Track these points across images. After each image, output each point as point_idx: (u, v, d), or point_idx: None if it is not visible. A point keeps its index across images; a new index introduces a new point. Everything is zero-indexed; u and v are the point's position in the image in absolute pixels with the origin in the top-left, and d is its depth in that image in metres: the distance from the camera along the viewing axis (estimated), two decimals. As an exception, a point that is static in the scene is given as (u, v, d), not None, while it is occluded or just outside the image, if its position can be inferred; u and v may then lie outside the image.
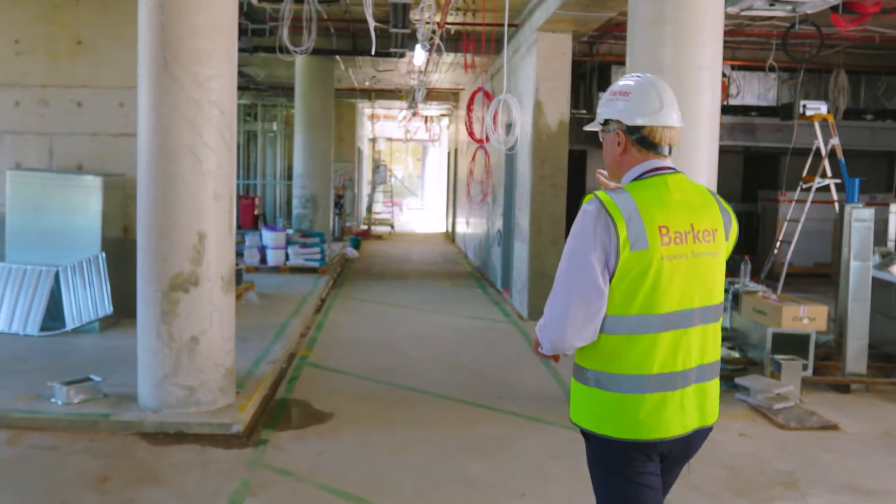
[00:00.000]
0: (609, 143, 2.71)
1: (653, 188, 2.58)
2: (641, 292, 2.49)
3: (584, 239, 2.50)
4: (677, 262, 2.52)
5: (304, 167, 14.45)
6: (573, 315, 2.51)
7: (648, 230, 2.48)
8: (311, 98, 14.36)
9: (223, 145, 5.73)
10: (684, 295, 2.55)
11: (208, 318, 5.76)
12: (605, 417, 2.55)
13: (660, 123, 2.61)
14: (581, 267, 2.50)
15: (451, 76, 18.96)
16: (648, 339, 2.51)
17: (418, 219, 33.87)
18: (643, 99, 2.62)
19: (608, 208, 2.48)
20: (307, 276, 13.31)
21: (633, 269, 2.48)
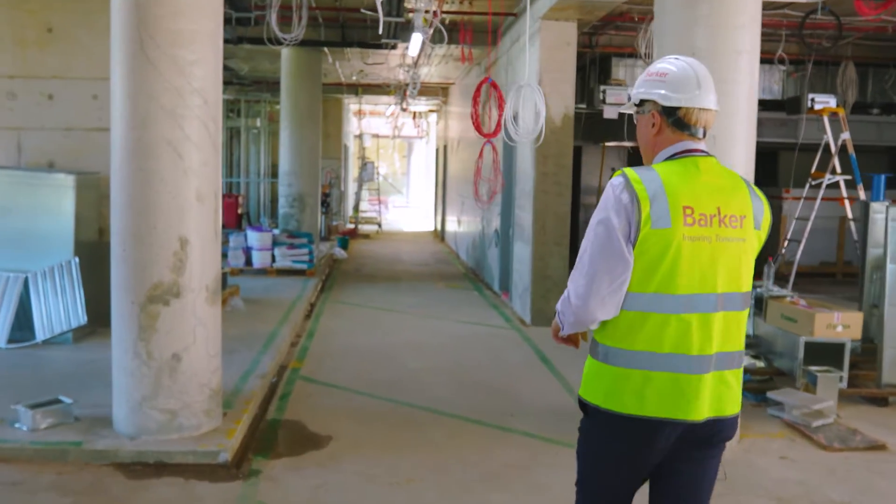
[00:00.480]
0: (644, 125, 2.71)
1: (682, 168, 2.58)
2: (660, 270, 2.48)
3: (610, 211, 2.51)
4: (700, 245, 2.50)
5: (290, 164, 13.80)
6: (598, 285, 2.51)
7: (672, 209, 2.47)
8: (297, 92, 13.72)
9: (207, 139, 5.11)
10: (706, 278, 2.51)
11: (191, 333, 5.14)
12: (610, 391, 2.54)
13: (696, 105, 2.61)
14: (607, 237, 2.50)
15: (440, 70, 18.35)
16: (663, 318, 2.50)
17: (404, 217, 33.24)
18: (681, 81, 2.61)
19: (633, 184, 2.49)
20: (295, 279, 12.68)
21: (653, 246, 2.48)
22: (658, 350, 2.50)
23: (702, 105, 2.62)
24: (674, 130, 2.64)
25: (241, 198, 22.03)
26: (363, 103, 23.50)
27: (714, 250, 2.52)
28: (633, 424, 2.53)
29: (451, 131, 21.09)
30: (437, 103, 24.04)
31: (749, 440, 5.66)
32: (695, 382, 2.51)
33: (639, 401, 2.51)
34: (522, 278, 10.41)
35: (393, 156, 39.76)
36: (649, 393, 2.50)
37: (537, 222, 9.75)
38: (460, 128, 18.58)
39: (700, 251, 2.50)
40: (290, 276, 12.90)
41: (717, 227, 2.53)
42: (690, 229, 2.49)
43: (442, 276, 14.58)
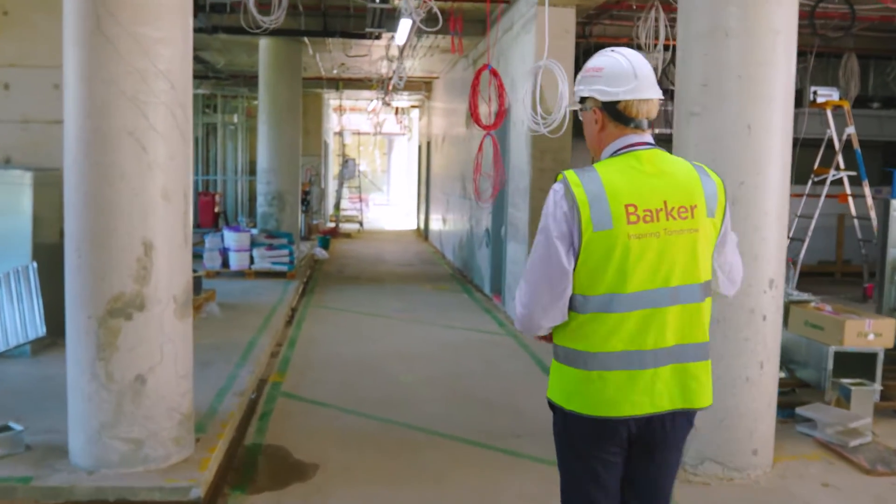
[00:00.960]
0: (588, 122, 2.69)
1: (624, 164, 2.55)
2: (608, 272, 2.47)
3: (549, 218, 2.51)
4: (648, 241, 2.47)
5: (269, 161, 13.13)
6: (539, 295, 2.53)
7: (613, 210, 2.45)
8: (276, 86, 13.05)
9: (175, 130, 4.47)
10: (657, 273, 2.50)
11: (158, 350, 4.50)
12: (572, 393, 2.55)
13: (635, 97, 2.58)
14: (546, 248, 2.50)
15: (424, 64, 17.72)
16: (616, 318, 2.49)
17: (386, 215, 32.60)
18: (616, 74, 2.58)
19: (573, 188, 2.47)
20: (275, 281, 12.03)
21: (598, 249, 2.46)
22: (613, 349, 2.50)
23: (641, 96, 2.59)
24: (616, 125, 2.61)
25: (217, 196, 21.34)
26: (344, 98, 22.83)
27: (663, 245, 2.49)
28: (596, 424, 2.53)
29: (434, 127, 20.48)
30: (420, 98, 23.41)
31: (783, 464, 5.10)
32: (649, 377, 2.51)
33: (598, 402, 2.51)
34: (517, 281, 9.82)
35: (374, 153, 39.05)
36: (607, 393, 2.50)
37: (534, 222, 9.16)
38: (445, 123, 17.97)
39: (648, 248, 2.48)
40: (269, 279, 12.26)
41: (665, 221, 2.49)
42: (635, 227, 2.46)
43: (428, 278, 13.97)
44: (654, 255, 2.49)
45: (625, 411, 2.51)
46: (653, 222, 2.48)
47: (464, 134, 14.67)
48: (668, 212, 2.50)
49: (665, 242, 2.50)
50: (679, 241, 2.52)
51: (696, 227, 2.54)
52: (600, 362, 2.50)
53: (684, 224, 2.52)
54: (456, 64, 16.08)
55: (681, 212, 2.51)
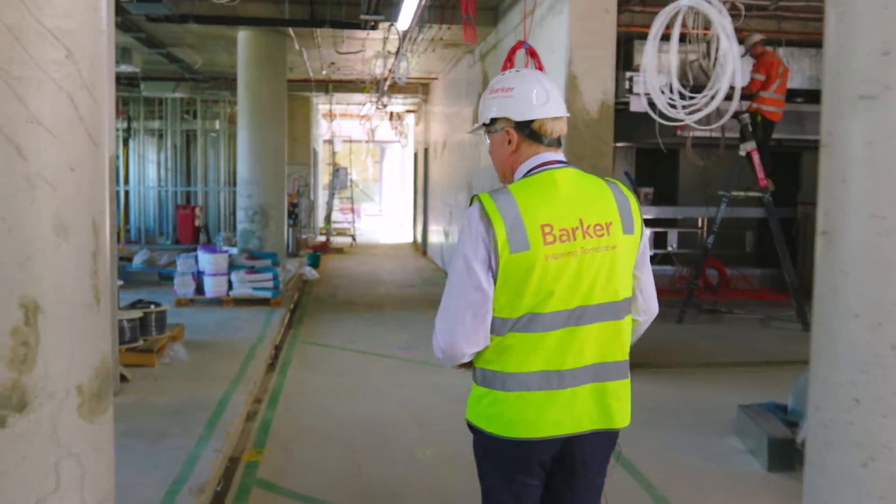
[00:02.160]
0: (497, 144, 2.62)
1: (538, 185, 2.48)
2: (527, 293, 2.41)
3: (467, 242, 2.44)
4: (566, 261, 2.42)
5: (250, 171, 11.47)
6: (462, 322, 2.44)
7: (530, 231, 2.40)
8: (257, 84, 11.40)
9: (77, 125, 2.81)
10: (575, 292, 2.44)
11: (52, 472, 2.83)
12: (491, 416, 2.48)
13: (549, 115, 2.53)
14: (465, 272, 2.43)
15: (422, 63, 16.11)
16: (535, 338, 2.43)
17: (379, 226, 30.98)
18: (529, 93, 2.53)
19: (488, 211, 2.41)
20: (257, 310, 10.37)
21: (515, 271, 2.40)
22: (531, 369, 2.43)
23: (554, 114, 2.54)
24: (530, 144, 2.55)
25: (198, 209, 19.70)
26: (334, 103, 21.20)
27: (581, 263, 2.44)
28: (516, 446, 2.46)
29: (433, 133, 18.86)
30: (417, 102, 21.79)
31: None
32: (568, 396, 2.45)
33: (517, 423, 2.44)
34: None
35: (366, 161, 37.39)
36: (526, 414, 2.44)
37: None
38: (446, 128, 16.36)
39: (566, 267, 2.42)
40: (250, 307, 10.60)
41: (582, 240, 2.44)
42: (552, 247, 2.40)
43: (433, 303, 12.31)
44: (573, 274, 2.43)
45: (545, 432, 2.44)
46: (569, 241, 2.42)
47: (470, 139, 13.05)
48: (584, 230, 2.43)
49: (582, 261, 2.43)
50: (597, 259, 2.46)
51: (614, 243, 2.48)
52: (519, 383, 2.43)
53: (601, 241, 2.46)
54: (459, 62, 14.46)
55: (597, 229, 2.45)
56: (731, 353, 8.76)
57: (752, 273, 13.52)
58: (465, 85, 13.76)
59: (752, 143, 9.94)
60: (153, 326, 7.76)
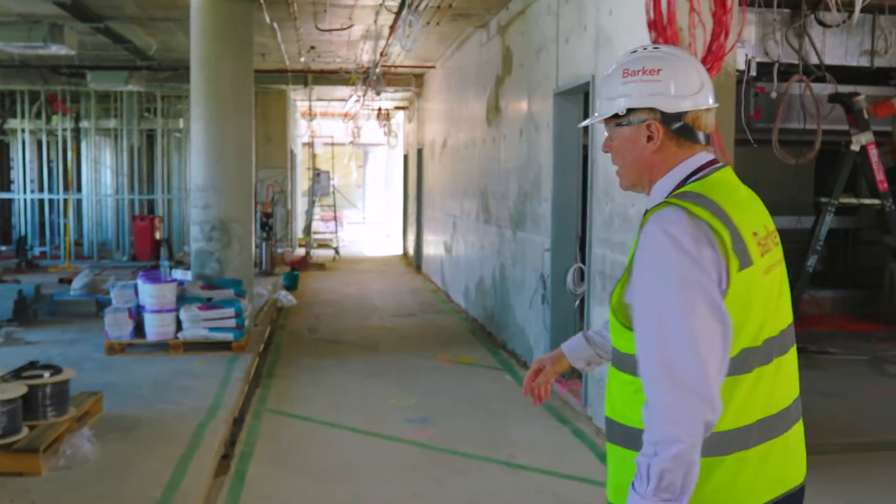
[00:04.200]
0: (629, 140, 1.99)
1: (725, 187, 1.95)
2: (749, 321, 1.85)
3: (690, 259, 1.76)
4: (772, 275, 1.94)
5: (207, 175, 8.89)
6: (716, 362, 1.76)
7: (747, 240, 1.86)
8: (217, 62, 8.82)
9: None
10: (778, 314, 1.95)
11: None
12: (699, 494, 1.78)
13: (703, 106, 1.98)
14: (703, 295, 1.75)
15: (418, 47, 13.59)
16: (750, 379, 1.86)
17: (363, 236, 28.39)
18: (682, 77, 1.95)
19: (702, 216, 1.80)
20: (214, 359, 7.83)
21: (742, 293, 1.82)
22: (748, 421, 1.86)
23: (708, 104, 1.99)
24: (680, 143, 1.96)
25: (158, 220, 17.08)
26: (314, 98, 18.63)
27: (778, 278, 1.98)
28: None
29: (429, 132, 16.35)
30: (408, 98, 19.27)
31: None
32: (782, 444, 1.93)
33: (734, 493, 1.84)
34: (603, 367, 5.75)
35: (349, 165, 34.80)
36: (745, 479, 1.85)
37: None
38: (447, 126, 13.85)
39: (772, 283, 1.94)
40: (206, 353, 8.05)
41: (774, 250, 1.99)
42: (764, 259, 1.91)
43: (440, 338, 9.80)
44: (776, 292, 1.94)
45: (768, 495, 1.89)
46: (769, 252, 1.94)
47: (483, 135, 10.56)
48: (771, 238, 1.98)
49: (777, 275, 1.97)
50: (782, 273, 2.01)
51: (782, 255, 2.04)
52: (736, 441, 1.84)
53: (780, 252, 2.02)
54: (465, 41, 11.96)
55: (774, 238, 2.01)
56: (873, 423, 6.30)
57: (822, 295, 11.06)
58: (474, 69, 11.27)
59: (870, 135, 7.52)
60: (46, 406, 5.21)
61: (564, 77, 7.11)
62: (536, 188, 7.94)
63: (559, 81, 7.26)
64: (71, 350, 8.28)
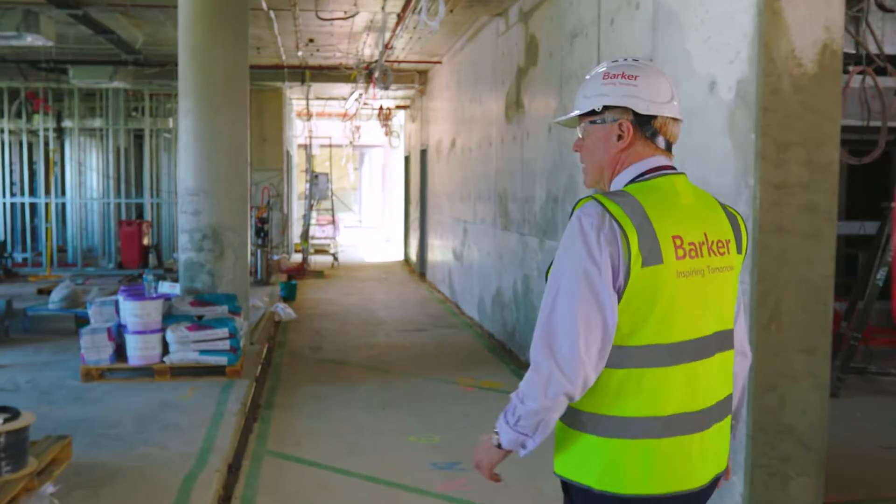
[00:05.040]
0: (601, 137, 2.20)
1: (660, 191, 2.13)
2: (653, 316, 2.02)
3: (583, 253, 1.99)
4: (693, 280, 2.08)
5: (197, 177, 7.93)
6: (590, 345, 1.97)
7: (662, 241, 2.03)
8: (208, 50, 7.87)
9: None
10: (701, 319, 2.10)
11: None
12: (606, 470, 2.04)
13: (670, 115, 2.18)
14: (587, 289, 1.97)
15: (421, 42, 12.68)
16: (660, 374, 2.04)
17: (361, 240, 27.45)
18: (655, 86, 2.17)
19: (614, 214, 2.01)
20: (205, 386, 6.88)
21: (645, 288, 2.01)
22: (660, 413, 2.04)
23: (676, 115, 2.20)
24: (645, 143, 2.17)
25: (146, 225, 16.10)
26: (312, 96, 17.66)
27: (707, 284, 2.12)
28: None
29: (435, 132, 15.41)
30: (410, 96, 18.33)
31: None
32: (697, 442, 2.10)
33: (643, 477, 2.04)
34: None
35: (346, 167, 33.77)
36: (654, 465, 2.04)
37: (762, 299, 4.10)
38: (457, 124, 12.90)
39: (694, 287, 2.08)
40: (196, 379, 7.09)
41: (708, 257, 2.13)
42: (682, 263, 2.06)
43: (456, 358, 8.86)
44: (699, 297, 2.09)
45: (676, 486, 2.06)
46: (698, 258, 2.10)
47: (501, 134, 9.62)
48: (709, 245, 2.13)
49: (708, 282, 2.12)
50: (718, 281, 2.15)
51: (731, 264, 2.20)
52: (645, 429, 2.02)
53: (722, 261, 2.16)
54: (479, 32, 11.02)
55: (719, 246, 2.16)
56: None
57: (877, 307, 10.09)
58: (490, 62, 10.33)
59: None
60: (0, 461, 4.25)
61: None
62: (571, 192, 7.00)
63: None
64: (42, 376, 7.30)
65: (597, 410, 2.05)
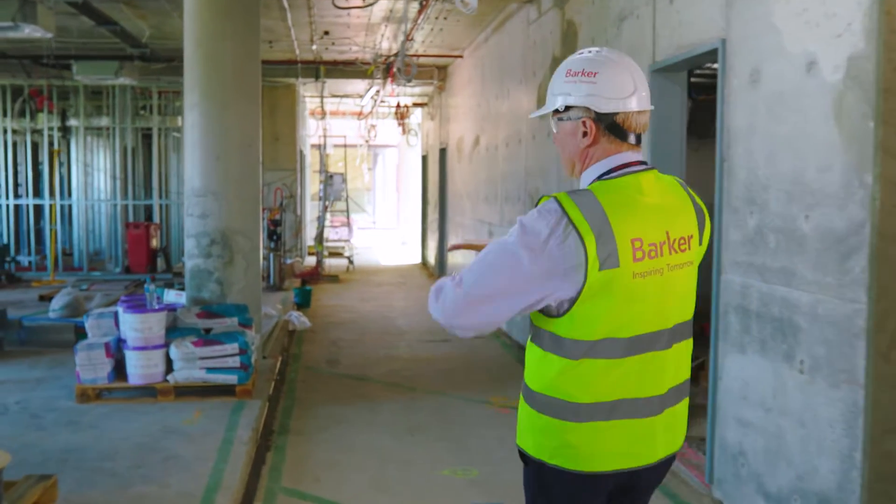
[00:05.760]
0: (568, 133, 2.24)
1: (623, 191, 2.15)
2: (609, 314, 2.10)
3: (533, 248, 2.04)
4: (651, 279, 2.13)
5: (204, 177, 7.25)
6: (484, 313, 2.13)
7: (620, 245, 2.07)
8: (216, 41, 7.19)
9: None
10: (658, 314, 2.17)
11: None
12: (556, 447, 2.18)
13: (634, 109, 2.18)
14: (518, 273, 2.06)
15: (440, 34, 12.01)
16: (614, 364, 2.13)
17: (375, 241, 26.77)
18: (615, 81, 2.17)
19: (572, 218, 2.03)
20: (212, 408, 6.21)
21: (601, 289, 2.07)
22: (608, 398, 2.14)
23: (642, 107, 2.20)
24: (611, 139, 2.19)
25: (154, 227, 15.46)
26: (326, 94, 16.98)
27: (665, 282, 2.17)
28: (584, 481, 2.19)
29: (456, 129, 14.71)
30: (428, 93, 17.64)
31: None
32: (648, 426, 2.20)
33: (591, 456, 2.17)
34: (761, 454, 4.11)
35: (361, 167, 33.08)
36: (603, 445, 2.17)
37: (880, 323, 3.39)
38: (480, 121, 12.20)
39: (651, 287, 2.13)
40: (203, 400, 6.43)
41: (668, 256, 2.17)
42: (640, 264, 2.10)
43: (486, 373, 8.15)
44: (657, 294, 2.15)
45: (621, 464, 2.19)
46: (657, 258, 2.14)
47: (533, 130, 8.92)
48: (670, 244, 2.17)
49: (667, 280, 2.17)
50: (679, 277, 2.21)
51: (692, 259, 2.26)
52: (596, 413, 2.14)
53: (684, 257, 2.22)
54: (505, 22, 10.32)
55: (681, 244, 2.21)
56: None
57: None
58: (519, 53, 9.63)
59: None
60: (-37, 514, 3.58)
61: (666, 48, 5.45)
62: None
63: (657, 55, 5.60)
64: (34, 395, 6.64)
65: (549, 393, 2.15)
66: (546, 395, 2.16)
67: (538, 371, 2.19)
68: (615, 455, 2.17)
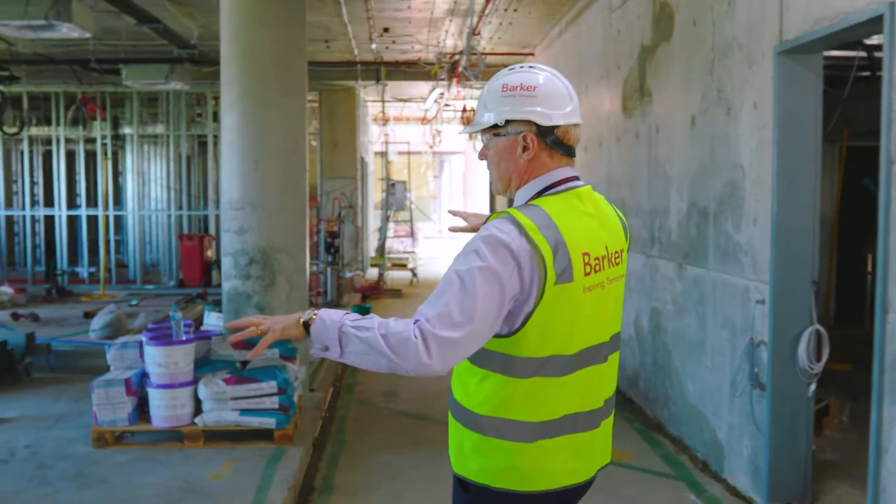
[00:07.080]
0: (506, 150, 2.20)
1: (570, 206, 2.15)
2: (559, 330, 2.08)
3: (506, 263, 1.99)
4: (594, 293, 2.14)
5: (242, 187, 6.34)
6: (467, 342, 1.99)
7: (574, 259, 2.07)
8: (255, 30, 6.29)
9: None
10: (598, 328, 2.19)
11: None
12: (504, 470, 2.13)
13: (573, 122, 2.20)
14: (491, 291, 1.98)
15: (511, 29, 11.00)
16: (559, 382, 2.11)
17: (441, 252, 25.77)
18: (554, 95, 2.17)
19: (529, 233, 2.02)
20: (245, 460, 5.27)
21: (555, 304, 2.05)
22: (555, 416, 2.13)
23: (578, 120, 2.22)
24: (550, 154, 2.18)
25: (209, 239, 14.74)
26: (387, 97, 16.09)
27: (605, 296, 2.19)
28: (531, 501, 2.15)
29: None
30: (495, 95, 16.58)
31: None
32: (588, 439, 2.22)
33: (540, 474, 2.15)
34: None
35: (426, 175, 32.17)
36: (551, 463, 2.15)
37: None
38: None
39: (594, 300, 2.14)
40: (235, 447, 5.50)
41: (608, 270, 2.19)
42: (588, 279, 2.11)
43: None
44: (598, 308, 2.16)
45: (568, 480, 2.18)
46: (600, 272, 2.16)
47: (617, 131, 7.82)
48: (609, 258, 2.20)
49: (607, 293, 2.19)
50: (614, 290, 2.24)
51: (623, 272, 2.30)
52: (542, 431, 2.12)
53: (618, 270, 2.25)
54: (583, 12, 9.23)
55: (616, 258, 2.24)
56: None
57: None
58: (599, 46, 8.55)
59: None
60: None
61: (799, 22, 4.33)
62: (732, 203, 5.16)
63: (785, 33, 4.49)
64: (48, 436, 5.82)
65: (498, 415, 2.11)
66: (495, 418, 2.11)
67: (483, 394, 2.11)
68: (561, 472, 2.15)
